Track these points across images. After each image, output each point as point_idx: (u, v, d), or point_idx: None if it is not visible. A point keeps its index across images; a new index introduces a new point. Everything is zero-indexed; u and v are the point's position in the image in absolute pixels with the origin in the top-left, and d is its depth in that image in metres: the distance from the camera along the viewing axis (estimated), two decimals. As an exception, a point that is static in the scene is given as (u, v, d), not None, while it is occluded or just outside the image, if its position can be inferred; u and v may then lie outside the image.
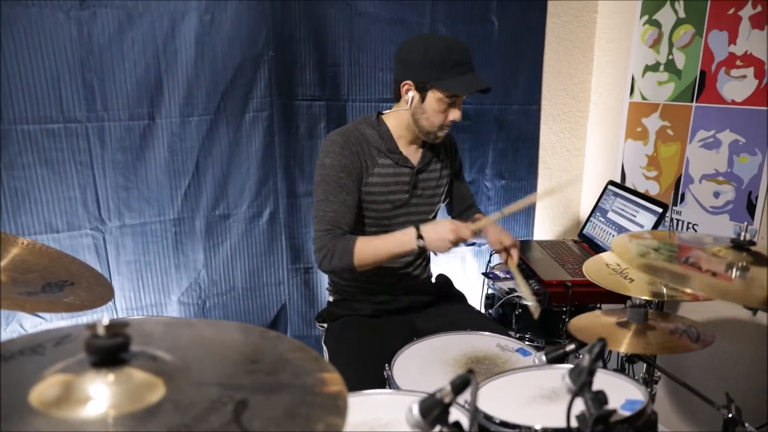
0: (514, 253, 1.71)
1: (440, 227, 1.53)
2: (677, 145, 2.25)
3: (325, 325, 1.81)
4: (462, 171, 1.98)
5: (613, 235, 2.15)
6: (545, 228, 2.65)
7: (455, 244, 1.52)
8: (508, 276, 2.10)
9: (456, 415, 0.84)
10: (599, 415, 0.76)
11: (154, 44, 1.79)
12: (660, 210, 1.97)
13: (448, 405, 0.75)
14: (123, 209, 1.85)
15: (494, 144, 2.46)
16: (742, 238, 1.08)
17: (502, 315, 2.04)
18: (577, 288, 1.86)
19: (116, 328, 0.62)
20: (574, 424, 0.80)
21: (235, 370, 0.70)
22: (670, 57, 2.24)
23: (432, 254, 1.96)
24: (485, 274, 2.14)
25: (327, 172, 1.60)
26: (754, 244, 1.08)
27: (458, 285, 2.01)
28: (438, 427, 0.77)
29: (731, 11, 2.00)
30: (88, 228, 1.82)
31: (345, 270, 1.60)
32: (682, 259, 1.13)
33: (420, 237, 1.54)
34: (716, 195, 2.10)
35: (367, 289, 1.76)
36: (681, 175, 2.23)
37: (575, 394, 0.76)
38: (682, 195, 2.22)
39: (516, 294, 1.95)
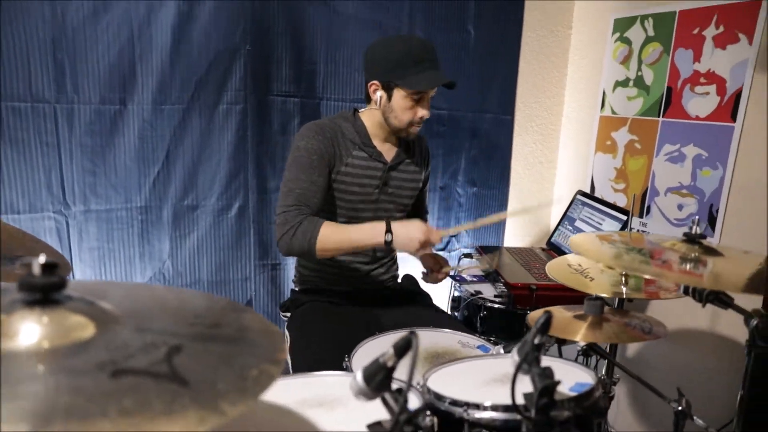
0: (443, 272, 1.78)
1: (412, 227, 1.52)
2: (644, 158, 2.30)
3: (289, 314, 1.79)
4: (428, 182, 1.98)
5: (580, 243, 2.18)
6: (516, 236, 2.68)
7: (423, 245, 1.52)
8: (474, 279, 2.11)
9: (412, 400, 0.83)
10: (544, 386, 0.76)
11: (129, 29, 1.79)
12: (625, 217, 2.00)
13: (392, 369, 0.75)
14: (89, 194, 1.83)
15: (467, 151, 2.49)
16: (693, 232, 1.11)
17: (467, 317, 2.04)
18: (542, 291, 1.88)
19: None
20: (521, 402, 0.80)
21: (178, 321, 0.69)
22: (640, 73, 2.31)
23: (398, 255, 1.96)
24: (452, 277, 2.15)
25: (300, 153, 1.59)
26: (704, 237, 1.11)
27: (424, 287, 2.02)
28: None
29: (696, 31, 2.08)
30: (51, 211, 1.79)
31: (304, 252, 1.54)
32: (657, 260, 1.16)
33: (389, 232, 1.53)
34: (680, 207, 2.15)
35: (332, 281, 1.76)
36: (647, 188, 2.28)
37: (519, 364, 0.77)
38: (648, 207, 2.27)
39: (481, 296, 1.96)
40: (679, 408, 1.18)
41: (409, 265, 2.14)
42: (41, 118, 1.72)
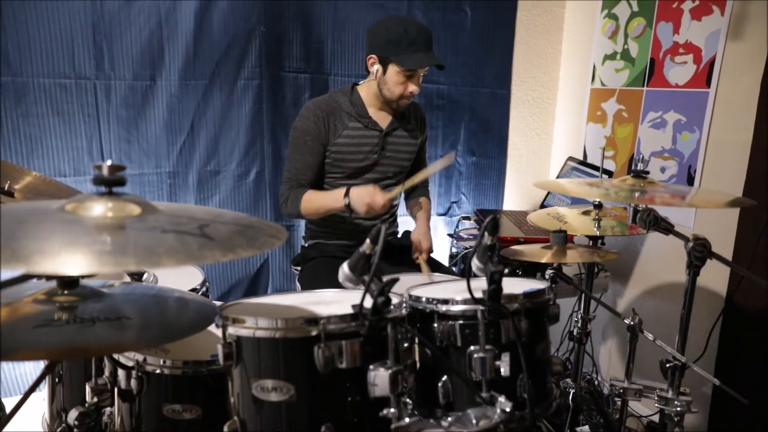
0: (422, 255, 1.93)
1: (363, 190, 1.75)
2: (631, 126, 2.47)
3: (299, 267, 2.02)
4: (425, 147, 2.17)
5: (568, 203, 2.37)
6: (513, 200, 2.86)
7: (371, 207, 1.71)
8: (471, 237, 2.31)
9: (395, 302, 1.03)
10: (491, 272, 0.97)
11: (157, 15, 2.02)
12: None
13: (369, 256, 0.96)
14: (124, 159, 2.07)
15: (466, 123, 2.68)
16: (639, 168, 1.30)
17: (463, 270, 2.24)
18: (529, 244, 2.07)
19: (116, 168, 0.84)
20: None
21: (206, 215, 0.91)
22: (626, 47, 2.48)
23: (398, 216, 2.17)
24: (451, 235, 2.35)
25: (296, 134, 1.87)
26: (647, 173, 1.31)
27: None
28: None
29: (675, 5, 2.24)
30: (92, 174, 2.03)
31: (296, 216, 1.90)
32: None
33: (347, 196, 1.76)
34: (662, 170, 2.32)
35: (338, 235, 1.97)
36: (633, 154, 2.45)
37: (476, 255, 0.97)
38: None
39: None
40: (631, 323, 1.37)
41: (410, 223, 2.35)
42: (83, 92, 1.97)
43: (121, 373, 1.22)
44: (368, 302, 0.96)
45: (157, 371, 1.20)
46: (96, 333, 0.91)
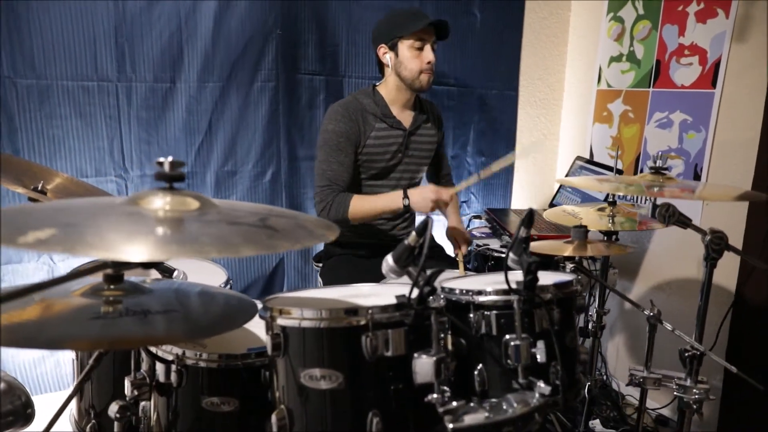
0: (464, 247, 1.96)
1: (425, 189, 1.81)
2: (637, 126, 2.53)
3: (321, 264, 2.06)
4: (444, 143, 2.23)
5: (578, 202, 2.42)
6: (521, 199, 2.92)
7: (436, 203, 1.77)
8: (483, 235, 2.36)
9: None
10: (529, 263, 1.01)
11: (177, 18, 2.06)
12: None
13: (414, 248, 1.00)
14: (144, 160, 2.10)
15: (476, 124, 2.73)
16: (657, 164, 1.35)
17: (476, 268, 2.29)
18: (543, 240, 2.12)
19: (176, 164, 0.88)
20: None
21: (258, 212, 0.96)
22: (631, 49, 2.54)
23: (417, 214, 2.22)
24: (463, 234, 2.39)
25: (329, 136, 1.87)
26: (667, 169, 1.36)
27: (439, 242, 2.26)
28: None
29: (680, 8, 2.30)
30: (113, 175, 2.07)
31: (339, 222, 1.85)
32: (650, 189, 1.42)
33: (406, 197, 1.80)
34: (669, 169, 2.37)
35: (359, 235, 2.01)
36: (640, 153, 2.51)
37: (512, 247, 1.02)
38: (641, 170, 2.50)
39: (487, 246, 2.21)
40: (651, 314, 1.42)
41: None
42: (105, 94, 2.00)
43: (160, 366, 1.25)
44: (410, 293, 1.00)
45: (197, 364, 1.24)
46: (150, 324, 0.95)
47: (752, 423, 2.01)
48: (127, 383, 1.25)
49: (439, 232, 2.54)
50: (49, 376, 2.10)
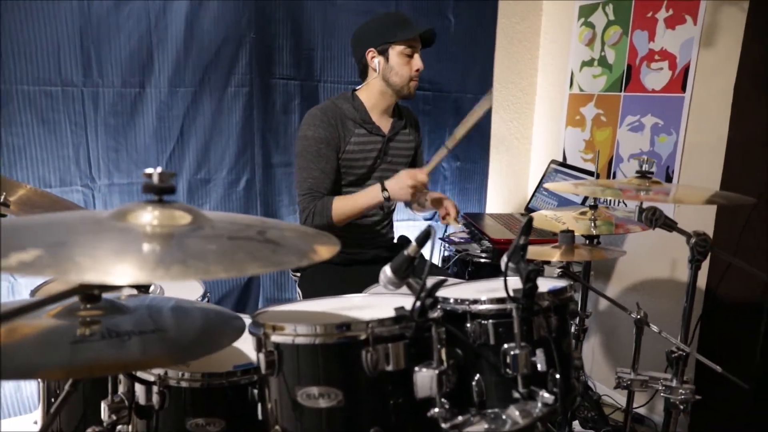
0: (452, 210, 1.91)
1: (399, 177, 1.78)
2: (609, 129, 2.57)
3: (299, 273, 2.00)
4: (421, 149, 2.21)
5: (554, 205, 2.44)
6: (496, 203, 2.93)
7: (414, 187, 1.75)
8: (462, 240, 2.35)
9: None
10: (529, 271, 1.00)
11: (146, 19, 1.98)
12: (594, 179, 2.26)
13: (414, 258, 0.97)
14: (112, 169, 2.01)
15: (451, 128, 2.72)
16: (643, 168, 1.36)
17: (456, 273, 2.28)
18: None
19: (166, 176, 0.82)
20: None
21: (254, 225, 0.91)
22: (603, 53, 2.58)
23: (395, 220, 2.19)
24: (442, 239, 2.38)
25: (308, 143, 1.82)
26: (652, 173, 1.37)
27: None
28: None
29: (650, 14, 2.35)
30: (79, 185, 1.97)
31: (325, 227, 1.81)
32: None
33: (384, 189, 1.77)
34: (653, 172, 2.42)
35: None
36: (613, 156, 2.55)
37: (510, 255, 1.00)
38: (614, 173, 2.54)
39: (467, 252, 2.20)
40: (638, 317, 1.43)
41: (404, 229, 2.37)
42: (70, 100, 1.90)
43: (140, 388, 1.18)
44: (408, 304, 0.97)
45: (179, 385, 1.18)
46: (134, 347, 0.89)
47: (724, 422, 2.05)
48: (103, 407, 1.17)
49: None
50: (9, 399, 1.98)
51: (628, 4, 2.44)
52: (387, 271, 1.00)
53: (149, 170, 0.82)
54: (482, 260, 2.17)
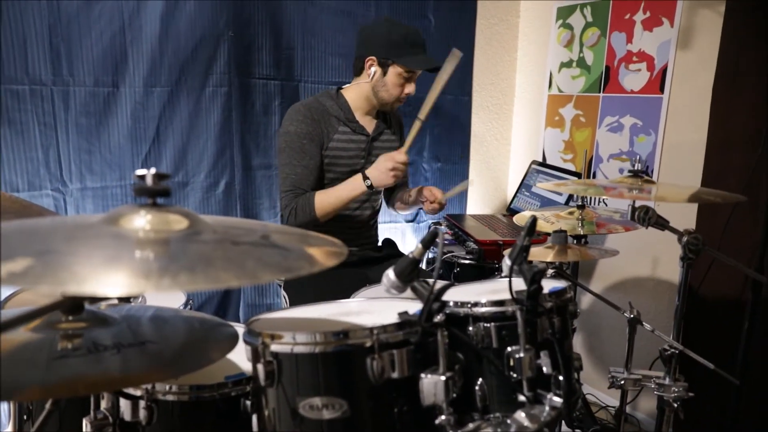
0: (439, 194, 1.94)
1: (378, 162, 1.77)
2: (589, 130, 2.59)
3: (282, 278, 1.95)
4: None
5: (537, 206, 2.45)
6: (478, 203, 2.92)
7: (396, 170, 1.74)
8: (446, 242, 2.33)
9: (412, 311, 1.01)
10: (534, 272, 0.97)
11: (120, 17, 1.89)
12: (575, 178, 2.28)
13: (418, 261, 0.94)
14: (85, 172, 1.92)
15: (431, 129, 2.71)
16: (636, 168, 1.36)
17: (441, 275, 2.25)
18: (508, 246, 2.11)
19: (161, 177, 0.77)
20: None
21: (255, 230, 0.86)
22: (581, 55, 2.60)
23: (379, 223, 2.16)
24: (426, 241, 2.35)
25: (291, 138, 1.78)
26: (645, 172, 1.37)
27: (403, 249, 2.22)
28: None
29: (627, 16, 2.38)
30: (50, 189, 1.87)
31: (310, 223, 1.78)
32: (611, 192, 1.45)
33: (366, 178, 1.75)
34: (621, 171, 2.45)
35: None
36: (593, 156, 2.57)
37: (514, 257, 0.98)
38: (594, 173, 2.56)
39: (452, 253, 2.18)
40: (631, 316, 1.43)
41: (387, 231, 2.33)
42: (39, 99, 1.80)
43: (125, 403, 1.12)
44: (404, 308, 0.94)
45: (166, 398, 1.12)
46: (122, 361, 0.84)
47: (703, 418, 2.08)
48: (85, 424, 1.10)
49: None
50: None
51: (606, 5, 2.47)
52: (390, 275, 0.96)
53: (142, 171, 0.77)
54: (467, 261, 2.15)
